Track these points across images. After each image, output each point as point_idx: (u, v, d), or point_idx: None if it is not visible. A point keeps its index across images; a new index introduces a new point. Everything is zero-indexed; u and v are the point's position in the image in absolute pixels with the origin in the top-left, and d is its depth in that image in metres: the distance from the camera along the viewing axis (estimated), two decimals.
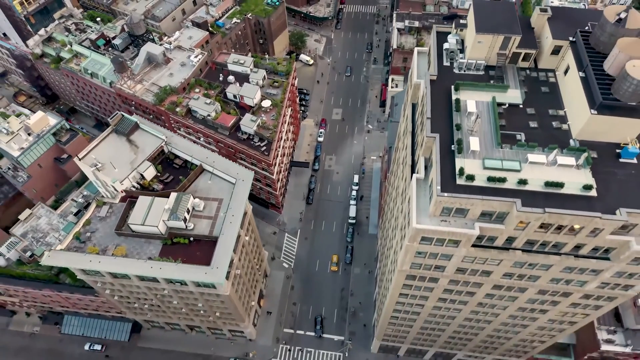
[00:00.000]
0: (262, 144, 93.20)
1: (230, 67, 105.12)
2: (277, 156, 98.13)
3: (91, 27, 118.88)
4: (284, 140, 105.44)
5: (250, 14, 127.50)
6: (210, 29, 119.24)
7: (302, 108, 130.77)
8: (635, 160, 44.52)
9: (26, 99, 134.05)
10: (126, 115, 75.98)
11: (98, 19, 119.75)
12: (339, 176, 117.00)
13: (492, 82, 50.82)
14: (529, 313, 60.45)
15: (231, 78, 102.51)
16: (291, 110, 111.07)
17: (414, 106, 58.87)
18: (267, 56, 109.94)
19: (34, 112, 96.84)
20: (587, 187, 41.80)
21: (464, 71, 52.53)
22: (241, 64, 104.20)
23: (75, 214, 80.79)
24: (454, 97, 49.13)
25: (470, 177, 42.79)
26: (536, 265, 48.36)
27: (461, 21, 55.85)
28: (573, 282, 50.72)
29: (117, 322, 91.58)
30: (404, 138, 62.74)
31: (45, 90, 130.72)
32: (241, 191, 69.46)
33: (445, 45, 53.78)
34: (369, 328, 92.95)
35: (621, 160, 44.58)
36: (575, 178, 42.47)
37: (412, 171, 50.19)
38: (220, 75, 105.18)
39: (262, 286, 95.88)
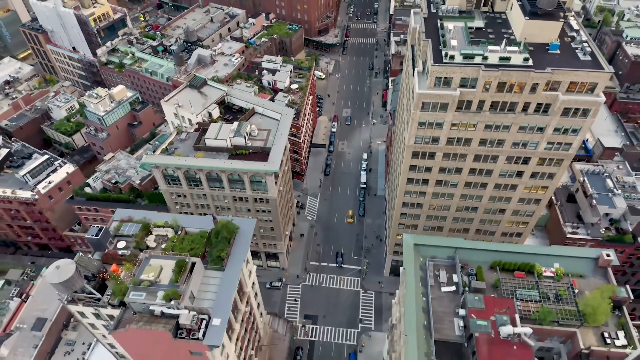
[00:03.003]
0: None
1: (264, 64, 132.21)
2: (303, 126, 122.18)
3: (149, 41, 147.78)
4: (307, 120, 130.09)
5: (275, 35, 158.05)
6: (244, 44, 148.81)
7: (318, 108, 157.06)
8: (558, 51, 69.16)
9: None
10: (197, 74, 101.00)
11: (157, 32, 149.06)
12: (351, 156, 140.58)
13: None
14: (504, 191, 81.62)
15: (265, 72, 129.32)
16: (311, 99, 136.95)
17: (412, 47, 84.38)
18: (292, 57, 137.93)
19: None
20: (526, 59, 66.11)
21: (445, 14, 78.57)
22: (272, 61, 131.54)
23: None
24: (439, 23, 74.80)
25: (452, 57, 67.10)
26: (500, 126, 71.12)
27: None
28: (529, 144, 73.08)
29: None
30: (405, 66, 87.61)
31: None
32: (286, 120, 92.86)
33: None
34: (381, 257, 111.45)
35: (549, 51, 69.26)
36: (518, 55, 66.88)
37: (414, 69, 74.28)
38: (256, 71, 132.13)
39: (292, 228, 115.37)
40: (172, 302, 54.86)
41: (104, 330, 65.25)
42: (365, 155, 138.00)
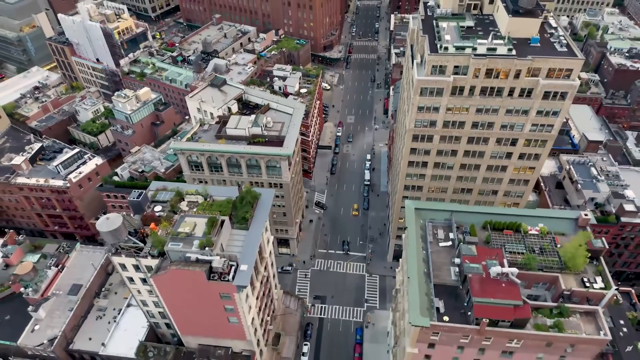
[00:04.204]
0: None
1: (275, 72, 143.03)
2: (312, 126, 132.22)
3: (168, 53, 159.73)
4: (315, 122, 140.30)
5: (284, 49, 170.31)
6: (256, 56, 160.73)
7: (324, 115, 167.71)
8: (539, 44, 79.51)
9: None
10: (217, 75, 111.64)
11: (176, 46, 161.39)
12: (355, 157, 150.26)
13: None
14: (495, 173, 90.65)
15: (276, 79, 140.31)
16: (318, 104, 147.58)
17: (412, 46, 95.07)
18: (300, 66, 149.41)
19: None
20: (510, 50, 76.41)
21: (440, 16, 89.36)
22: (283, 69, 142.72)
23: None
24: (434, 23, 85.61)
25: (446, 48, 77.51)
26: (490, 110, 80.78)
27: None
28: (515, 126, 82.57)
29: None
30: (406, 63, 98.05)
31: None
32: (298, 114, 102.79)
33: (429, 3, 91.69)
34: (384, 246, 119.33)
35: (531, 44, 79.65)
36: (503, 47, 77.16)
37: (413, 62, 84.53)
38: (268, 78, 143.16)
39: (301, 219, 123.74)
40: (206, 249, 63.25)
41: (140, 285, 73.26)
42: (368, 156, 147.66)
